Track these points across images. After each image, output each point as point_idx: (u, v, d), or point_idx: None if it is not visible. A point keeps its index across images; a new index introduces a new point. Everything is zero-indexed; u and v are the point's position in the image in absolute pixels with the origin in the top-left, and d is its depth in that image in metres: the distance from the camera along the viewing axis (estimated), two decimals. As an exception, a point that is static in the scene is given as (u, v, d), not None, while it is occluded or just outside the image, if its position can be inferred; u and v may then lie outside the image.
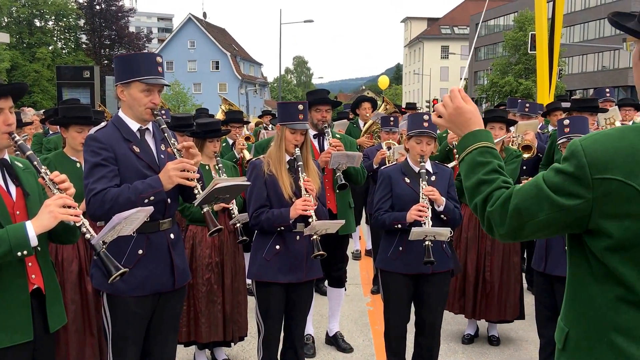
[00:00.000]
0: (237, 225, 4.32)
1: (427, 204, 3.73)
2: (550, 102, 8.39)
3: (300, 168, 3.56)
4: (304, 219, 3.51)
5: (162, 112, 3.09)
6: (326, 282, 5.21)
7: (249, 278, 3.78)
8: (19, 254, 2.29)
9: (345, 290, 5.17)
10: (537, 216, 1.61)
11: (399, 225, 3.80)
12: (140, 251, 2.92)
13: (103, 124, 3.05)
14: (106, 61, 43.33)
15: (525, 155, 5.70)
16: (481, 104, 47.35)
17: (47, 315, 2.51)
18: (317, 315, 5.54)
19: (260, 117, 12.28)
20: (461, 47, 66.68)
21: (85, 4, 45.21)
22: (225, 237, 4.34)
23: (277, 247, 3.56)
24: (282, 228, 3.52)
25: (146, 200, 2.79)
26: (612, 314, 1.58)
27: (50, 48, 43.36)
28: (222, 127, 4.75)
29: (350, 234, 4.97)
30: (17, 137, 2.48)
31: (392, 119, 6.00)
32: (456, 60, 68.12)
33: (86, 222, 2.45)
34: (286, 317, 3.69)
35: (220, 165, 4.54)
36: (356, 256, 7.95)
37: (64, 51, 44.92)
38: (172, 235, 3.05)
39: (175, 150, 2.92)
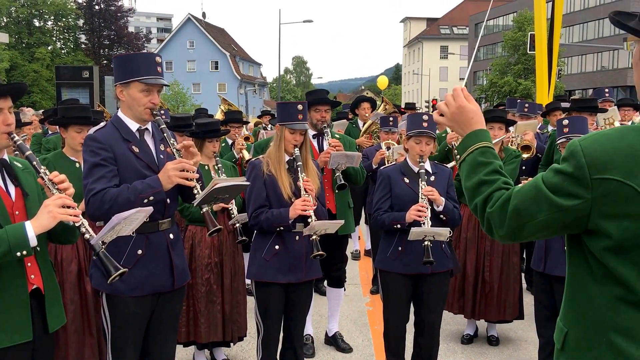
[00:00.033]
0: (237, 225, 4.32)
1: (426, 204, 3.73)
2: (549, 102, 8.40)
3: (299, 168, 3.56)
4: (303, 219, 3.50)
5: (161, 112, 3.09)
6: (325, 282, 5.21)
7: (248, 278, 3.78)
8: (18, 254, 2.29)
9: (345, 290, 5.17)
10: (536, 217, 1.61)
11: (398, 226, 3.80)
12: (140, 251, 2.92)
13: (102, 124, 3.04)
14: (105, 61, 43.31)
15: (525, 156, 5.70)
16: (480, 104, 47.30)
17: (46, 315, 2.51)
18: (317, 316, 5.54)
19: (260, 117, 12.27)
20: (460, 47, 66.66)
21: (84, 4, 45.18)
22: (224, 237, 4.34)
23: (277, 247, 3.55)
24: (281, 228, 3.52)
25: (145, 200, 2.79)
26: (611, 314, 1.58)
27: (49, 48, 43.34)
28: (221, 127, 4.75)
29: (349, 234, 4.97)
30: (16, 137, 2.48)
31: (391, 119, 6.00)
32: (455, 61, 68.14)
33: (85, 222, 2.44)
34: (285, 317, 3.69)
35: (219, 165, 4.54)
36: (355, 256, 7.95)
37: (63, 51, 44.91)
38: (171, 236, 3.04)
39: (174, 150, 2.92)
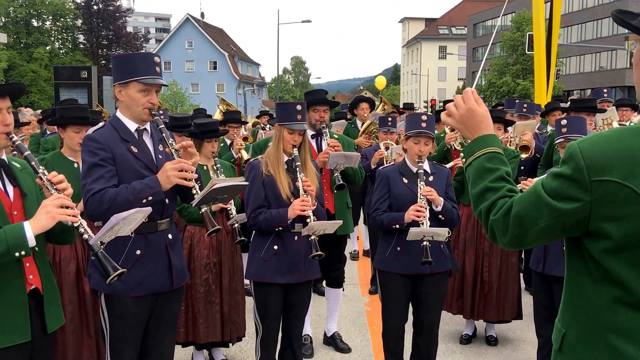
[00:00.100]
0: (235, 225, 4.31)
1: (425, 204, 3.73)
2: (548, 102, 8.40)
3: (298, 168, 3.56)
4: (302, 219, 3.50)
5: (159, 112, 3.09)
6: (324, 283, 5.21)
7: (247, 278, 3.77)
8: (17, 254, 2.29)
9: (343, 290, 5.16)
10: (538, 223, 1.60)
11: (397, 226, 3.80)
12: (138, 251, 2.91)
13: (101, 124, 3.03)
14: (104, 61, 43.28)
15: (523, 156, 5.71)
16: (479, 104, 47.23)
17: (44, 315, 2.51)
18: (315, 316, 5.54)
19: (258, 117, 12.26)
20: (459, 47, 66.72)
21: (83, 4, 45.14)
22: (223, 237, 4.34)
23: (275, 247, 3.55)
24: (280, 228, 3.52)
25: (144, 201, 2.79)
26: (609, 315, 1.58)
27: (47, 48, 43.30)
28: (220, 128, 4.75)
29: (348, 234, 4.97)
30: (14, 138, 2.48)
31: (390, 119, 6.00)
32: (454, 61, 68.21)
33: (84, 223, 2.44)
34: (284, 318, 3.69)
35: (218, 165, 4.54)
36: (354, 256, 7.95)
37: (61, 51, 44.86)
38: (170, 236, 3.04)
39: (173, 150, 2.92)
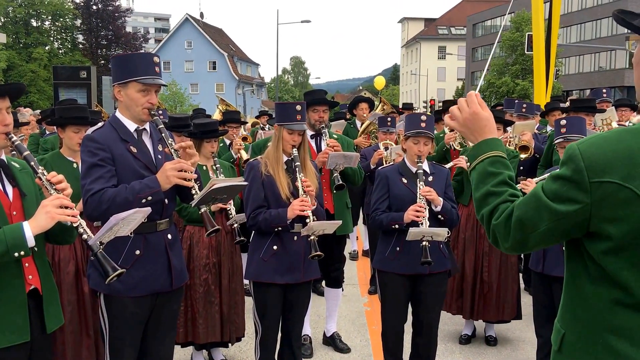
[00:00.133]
0: (235, 225, 4.31)
1: (424, 204, 3.73)
2: (548, 102, 8.41)
3: (297, 168, 3.56)
4: (301, 219, 3.50)
5: (159, 112, 3.09)
6: (323, 283, 5.21)
7: (246, 278, 3.77)
8: (16, 254, 2.28)
9: (343, 290, 5.16)
10: (539, 227, 1.61)
11: (397, 226, 3.80)
12: (138, 251, 2.91)
13: (100, 124, 3.03)
14: (103, 61, 43.26)
15: (522, 156, 5.71)
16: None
17: (44, 315, 2.51)
18: (315, 316, 5.54)
19: (258, 117, 12.25)
20: (458, 47, 66.71)
21: (82, 4, 45.10)
22: (222, 237, 4.34)
23: (275, 247, 3.55)
24: (279, 228, 3.52)
25: (144, 201, 2.78)
26: (608, 316, 1.58)
27: (46, 48, 43.26)
28: (219, 128, 4.75)
29: (347, 235, 4.97)
30: (14, 138, 2.48)
31: (389, 119, 6.00)
32: (453, 61, 68.19)
33: (83, 223, 2.44)
34: (284, 318, 3.69)
35: (217, 165, 4.54)
36: (353, 256, 7.95)
37: (60, 51, 44.81)
38: (169, 236, 3.04)
39: (172, 150, 2.92)
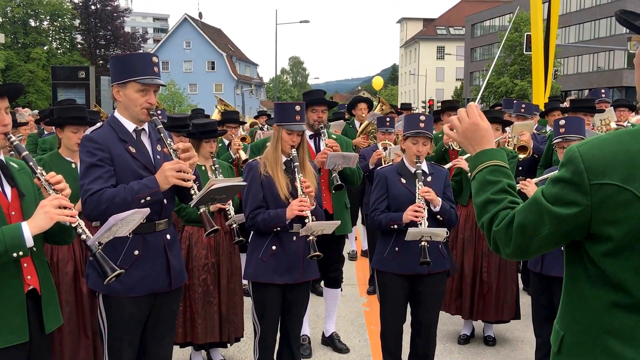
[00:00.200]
0: (234, 226, 4.31)
1: (423, 205, 3.73)
2: (548, 102, 8.41)
3: (296, 169, 3.56)
4: (300, 219, 3.50)
5: (158, 112, 3.08)
6: (322, 283, 5.21)
7: (245, 279, 3.77)
8: (15, 254, 2.28)
9: (342, 290, 5.16)
10: (541, 231, 1.61)
11: (395, 226, 3.80)
12: (137, 252, 2.91)
13: (99, 125, 3.03)
14: (101, 61, 43.26)
15: (521, 156, 5.72)
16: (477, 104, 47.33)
17: (42, 316, 2.51)
18: (313, 316, 5.54)
19: (256, 117, 12.25)
20: (457, 47, 66.80)
21: (81, 4, 45.10)
22: (221, 237, 4.34)
23: (274, 247, 3.55)
24: (278, 229, 3.52)
25: (142, 201, 2.78)
26: (607, 318, 1.58)
27: (45, 48, 43.24)
28: (218, 128, 4.75)
29: (346, 235, 4.97)
30: (13, 138, 2.47)
31: (388, 119, 6.00)
32: (452, 61, 68.23)
33: (82, 223, 2.43)
34: (282, 318, 3.69)
35: (216, 165, 4.54)
36: (352, 257, 7.96)
37: (59, 51, 44.80)
38: (168, 236, 3.04)
39: (171, 150, 2.92)
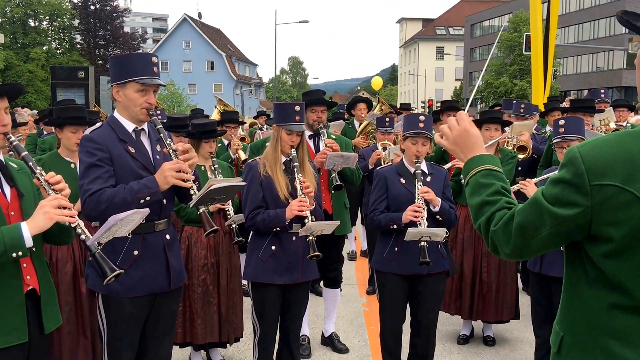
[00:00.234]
0: (233, 226, 4.31)
1: (422, 205, 3.73)
2: (548, 102, 8.42)
3: (296, 169, 3.55)
4: (300, 219, 3.50)
5: (157, 112, 3.08)
6: (322, 283, 5.21)
7: (244, 279, 3.77)
8: (14, 255, 2.28)
9: (341, 290, 5.16)
10: (541, 232, 1.61)
11: (395, 226, 3.80)
12: (136, 252, 2.91)
13: (98, 125, 3.03)
14: (101, 61, 43.23)
15: (520, 156, 5.71)
16: (476, 104, 47.40)
17: (42, 316, 2.50)
18: (313, 316, 5.54)
19: (256, 117, 12.24)
20: (456, 47, 66.84)
21: (80, 4, 45.07)
22: (220, 238, 4.34)
23: (273, 247, 3.55)
24: (278, 229, 3.52)
25: (142, 201, 2.78)
26: (606, 319, 1.58)
27: (44, 48, 43.21)
28: (217, 128, 4.75)
29: (345, 235, 4.98)
30: (12, 138, 2.47)
31: (387, 119, 6.00)
32: (451, 61, 68.27)
33: (81, 223, 2.43)
34: (282, 318, 3.68)
35: (216, 166, 4.54)
36: (351, 257, 7.96)
37: (58, 51, 44.78)
38: (167, 236, 3.04)
39: (171, 150, 2.92)
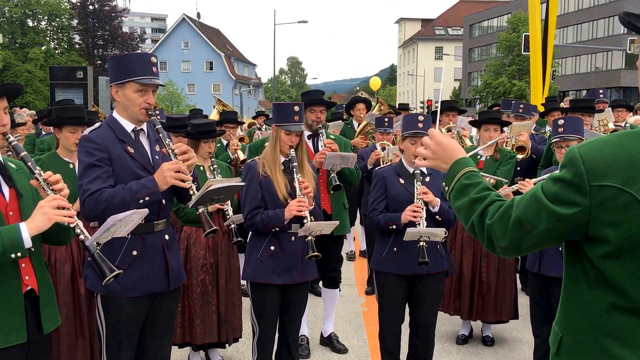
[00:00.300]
0: (232, 226, 4.31)
1: (421, 205, 3.73)
2: (547, 102, 8.43)
3: (295, 169, 3.55)
4: (299, 219, 3.50)
5: (156, 112, 3.08)
6: (320, 283, 5.21)
7: (243, 279, 3.77)
8: (13, 255, 2.27)
9: (340, 291, 5.17)
10: (536, 227, 1.60)
11: (394, 226, 3.80)
12: (135, 252, 2.91)
13: (97, 125, 3.03)
14: (99, 61, 43.16)
15: (519, 156, 5.72)
16: (475, 105, 47.44)
17: (40, 316, 2.50)
18: (312, 316, 5.54)
19: (255, 118, 12.24)
20: (455, 48, 66.92)
21: (79, 4, 45.00)
22: (219, 238, 4.34)
23: (272, 248, 3.55)
24: (277, 229, 3.51)
25: (141, 201, 2.78)
26: (606, 320, 1.58)
27: (43, 48, 43.14)
28: (216, 128, 4.75)
29: (344, 235, 4.98)
30: (11, 138, 2.47)
31: (386, 119, 6.00)
32: (450, 61, 68.29)
33: (80, 224, 2.43)
34: (281, 318, 3.68)
35: (215, 166, 4.54)
36: (350, 257, 7.96)
37: (56, 51, 44.70)
38: (166, 236, 3.03)
39: (170, 150, 2.92)
